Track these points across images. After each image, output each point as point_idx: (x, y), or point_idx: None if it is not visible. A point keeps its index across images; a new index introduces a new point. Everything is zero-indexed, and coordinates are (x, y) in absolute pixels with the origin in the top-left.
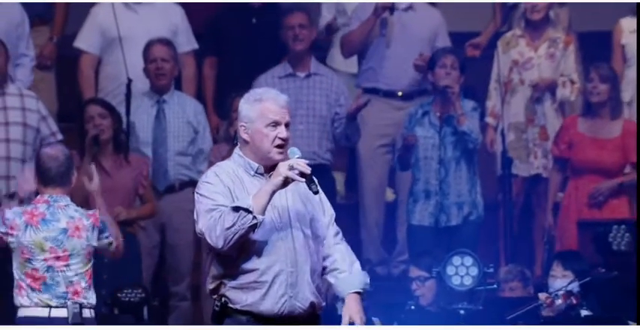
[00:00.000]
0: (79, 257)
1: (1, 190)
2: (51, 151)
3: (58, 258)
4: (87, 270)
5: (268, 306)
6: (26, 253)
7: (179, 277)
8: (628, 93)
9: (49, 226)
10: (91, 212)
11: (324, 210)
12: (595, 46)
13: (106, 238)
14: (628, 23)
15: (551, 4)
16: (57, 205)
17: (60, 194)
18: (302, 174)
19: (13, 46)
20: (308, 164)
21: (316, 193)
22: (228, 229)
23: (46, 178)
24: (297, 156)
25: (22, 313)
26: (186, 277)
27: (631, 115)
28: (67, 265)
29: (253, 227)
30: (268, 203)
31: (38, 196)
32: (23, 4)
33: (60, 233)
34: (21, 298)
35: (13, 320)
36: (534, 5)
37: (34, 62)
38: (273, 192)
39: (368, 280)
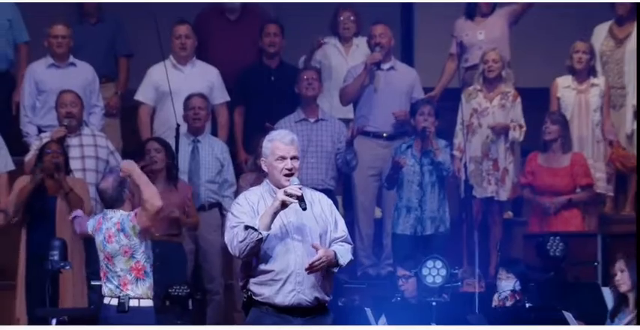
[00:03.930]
0: (118, 256)
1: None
2: (103, 184)
3: (107, 257)
4: (131, 266)
5: (281, 298)
6: (99, 253)
7: (211, 277)
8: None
9: (99, 234)
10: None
11: (337, 228)
12: (536, 98)
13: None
14: (562, 81)
15: (503, 65)
16: (108, 216)
17: (113, 210)
18: (295, 196)
19: (88, 98)
20: (318, 189)
21: (304, 209)
22: (241, 242)
23: (103, 203)
24: (295, 183)
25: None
26: (217, 277)
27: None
28: (113, 263)
29: (260, 241)
30: (272, 222)
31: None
32: (94, 65)
33: (103, 240)
34: (102, 290)
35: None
36: (490, 66)
37: (103, 111)
38: (275, 213)
39: (347, 258)
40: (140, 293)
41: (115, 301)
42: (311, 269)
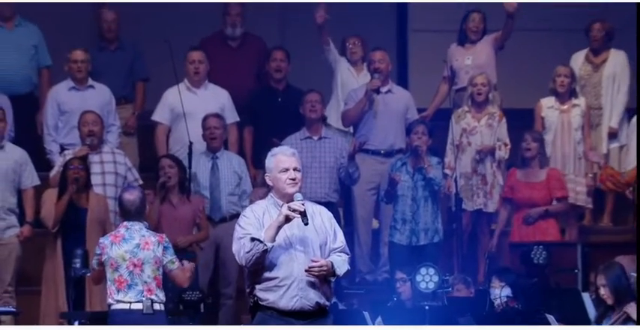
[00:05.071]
0: (149, 264)
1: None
2: (130, 196)
3: (135, 265)
4: (157, 275)
5: (284, 303)
6: (113, 263)
7: (227, 283)
8: (548, 149)
9: (127, 243)
10: (158, 234)
11: (336, 239)
12: (522, 118)
13: (171, 255)
14: (546, 101)
15: (490, 88)
16: (133, 228)
17: (136, 222)
18: (298, 212)
19: (105, 118)
20: (321, 201)
21: (306, 224)
22: (247, 253)
23: (127, 215)
24: (298, 199)
25: (112, 307)
26: (232, 283)
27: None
28: (142, 270)
29: (264, 252)
30: (276, 234)
31: (120, 223)
32: (114, 88)
33: (135, 247)
34: (110, 298)
35: None
36: (479, 89)
37: (119, 130)
38: (279, 227)
39: (344, 269)
40: (162, 298)
41: (139, 306)
42: (309, 272)
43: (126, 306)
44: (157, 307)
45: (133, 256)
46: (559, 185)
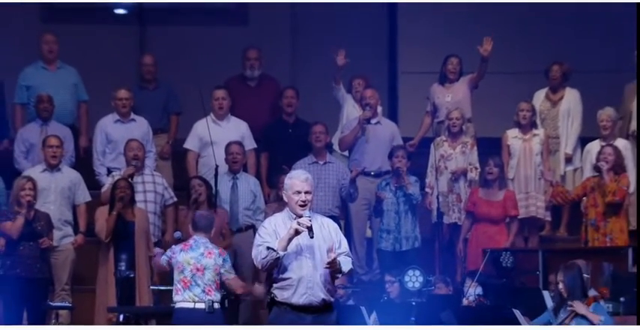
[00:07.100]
0: (210, 270)
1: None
2: (200, 213)
3: (198, 269)
4: (216, 280)
5: (295, 299)
6: (180, 267)
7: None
8: (511, 173)
9: (193, 251)
10: (220, 248)
11: (340, 246)
12: (492, 146)
13: (229, 266)
14: (511, 132)
15: (463, 121)
16: (200, 240)
17: (202, 236)
18: (305, 226)
19: (144, 145)
20: (330, 216)
21: (312, 237)
22: (263, 259)
23: (195, 229)
24: (306, 215)
25: (178, 305)
26: (248, 283)
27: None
28: (203, 274)
29: (277, 259)
30: (287, 245)
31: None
32: (152, 121)
33: (199, 255)
34: (177, 296)
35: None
36: (454, 122)
37: (156, 155)
38: (290, 239)
39: (348, 267)
40: (219, 298)
41: (201, 305)
42: (329, 264)
43: (190, 304)
44: (216, 306)
45: (197, 261)
46: (512, 205)
